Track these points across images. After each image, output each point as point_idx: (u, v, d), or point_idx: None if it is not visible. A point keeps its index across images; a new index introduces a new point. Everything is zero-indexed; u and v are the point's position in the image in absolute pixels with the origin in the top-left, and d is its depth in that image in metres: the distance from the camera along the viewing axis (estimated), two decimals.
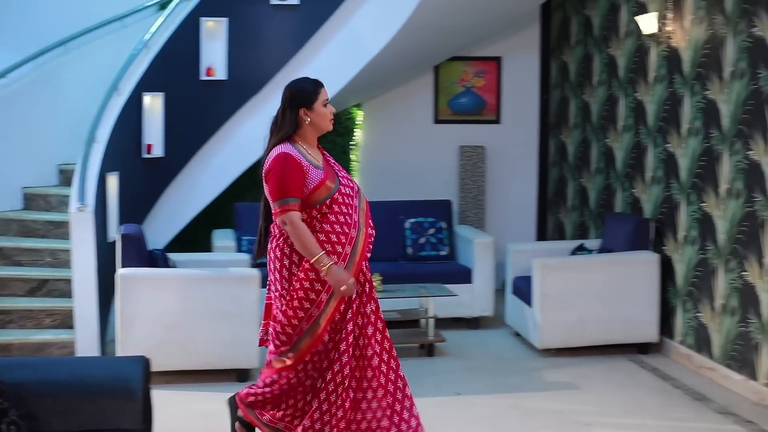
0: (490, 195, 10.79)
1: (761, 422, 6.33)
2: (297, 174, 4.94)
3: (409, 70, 10.27)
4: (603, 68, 9.38)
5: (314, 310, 4.99)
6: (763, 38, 6.72)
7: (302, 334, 4.99)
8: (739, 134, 7.02)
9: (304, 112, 5.09)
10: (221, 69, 9.15)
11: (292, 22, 9.31)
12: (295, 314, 4.99)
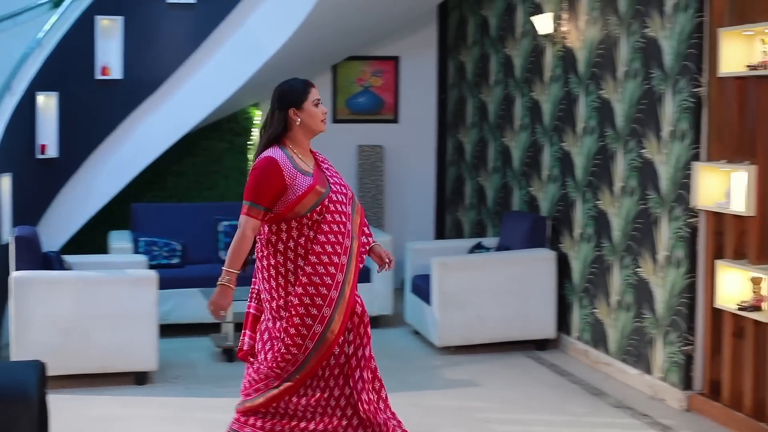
0: (389, 194, 10.82)
1: (656, 415, 6.45)
2: (275, 182, 4.62)
3: (307, 69, 10.22)
4: (499, 68, 9.47)
5: (317, 326, 4.63)
6: (655, 38, 6.85)
7: (308, 354, 4.64)
8: (632, 133, 7.14)
9: (294, 112, 4.78)
10: (117, 68, 9.02)
11: (189, 21, 9.23)
12: (298, 332, 4.62)
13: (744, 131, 6.15)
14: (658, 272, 6.84)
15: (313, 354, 4.63)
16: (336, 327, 4.65)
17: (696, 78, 6.46)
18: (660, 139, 6.81)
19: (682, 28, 6.56)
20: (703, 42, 6.43)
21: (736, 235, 6.24)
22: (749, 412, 6.10)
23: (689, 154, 6.51)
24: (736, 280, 6.20)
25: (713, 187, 6.35)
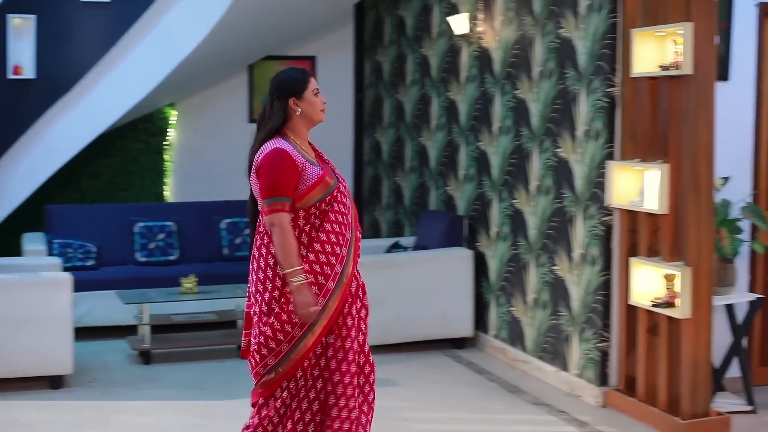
0: None
1: (573, 412, 6.53)
2: (291, 172, 4.52)
3: (224, 69, 10.18)
4: (416, 68, 9.51)
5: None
6: (569, 39, 6.93)
7: (294, 343, 4.52)
8: (547, 132, 7.22)
9: (294, 102, 4.67)
10: (29, 67, 8.90)
11: (103, 20, 9.13)
12: (289, 319, 4.51)
13: (657, 130, 6.25)
14: (574, 270, 6.92)
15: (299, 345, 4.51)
16: (325, 320, 4.54)
17: (610, 78, 6.55)
18: (575, 139, 6.89)
19: (595, 29, 6.65)
20: (616, 42, 6.52)
21: (649, 233, 6.34)
22: (663, 406, 6.21)
23: (603, 153, 6.60)
24: (650, 277, 6.31)
25: (627, 186, 6.44)
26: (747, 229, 6.80)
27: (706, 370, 6.09)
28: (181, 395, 6.92)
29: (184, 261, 9.12)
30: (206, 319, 8.26)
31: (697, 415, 6.04)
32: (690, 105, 5.93)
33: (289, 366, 4.52)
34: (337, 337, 4.62)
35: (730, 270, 6.50)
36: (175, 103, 10.30)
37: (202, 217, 9.38)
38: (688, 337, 6.01)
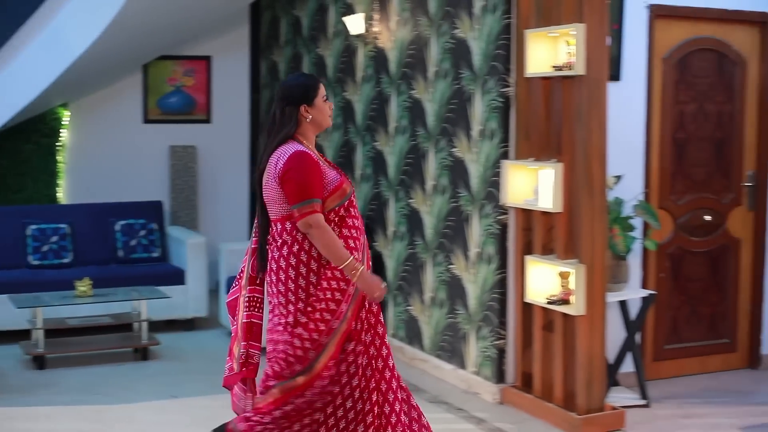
0: (202, 195, 10.71)
1: (471, 409, 6.58)
2: (317, 174, 4.56)
3: (117, 69, 10.04)
4: (312, 68, 9.49)
5: (334, 321, 4.60)
6: (464, 39, 6.99)
7: (321, 350, 4.58)
8: (443, 132, 7.27)
9: (305, 109, 4.70)
10: None
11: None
12: (316, 327, 4.56)
13: (550, 130, 6.33)
14: (470, 269, 6.98)
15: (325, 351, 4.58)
16: (344, 326, 4.62)
17: (504, 78, 6.62)
18: (470, 138, 6.95)
19: (490, 30, 6.71)
20: (510, 43, 6.59)
21: (544, 231, 6.43)
22: (559, 402, 6.30)
23: (498, 152, 6.67)
24: (545, 274, 6.39)
25: (522, 185, 6.53)
26: (639, 226, 6.93)
27: (601, 366, 6.19)
28: (76, 400, 6.81)
29: (79, 264, 8.97)
30: (101, 322, 8.13)
31: (592, 410, 6.14)
32: (583, 105, 6.02)
33: (313, 373, 4.58)
34: (358, 343, 4.67)
35: (623, 267, 6.62)
36: (68, 104, 10.13)
37: (96, 218, 9.24)
38: (583, 334, 6.10)
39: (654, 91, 7.15)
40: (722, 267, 7.55)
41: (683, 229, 7.38)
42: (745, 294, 7.63)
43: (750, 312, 7.64)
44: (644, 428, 6.23)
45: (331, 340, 4.58)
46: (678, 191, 7.33)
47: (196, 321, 8.95)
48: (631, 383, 6.88)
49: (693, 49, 7.28)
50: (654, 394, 6.84)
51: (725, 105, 7.42)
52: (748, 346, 7.68)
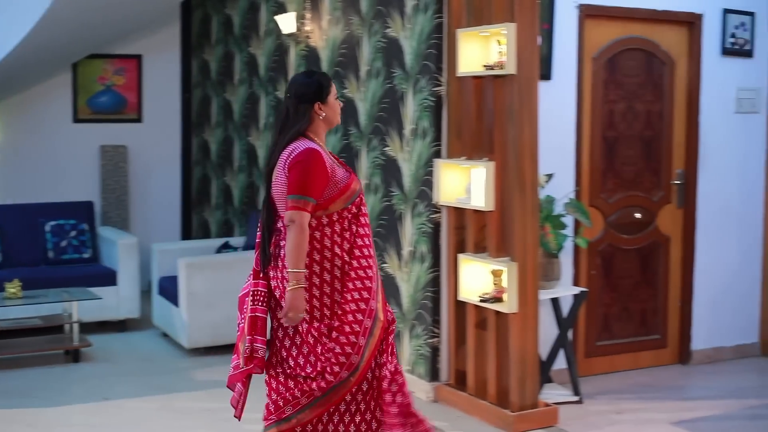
0: (134, 195, 10.62)
1: None
2: (322, 175, 4.53)
3: (46, 67, 9.92)
4: (244, 67, 9.45)
5: (367, 321, 4.62)
6: (396, 38, 6.99)
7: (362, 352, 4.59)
8: (375, 131, 7.27)
9: (319, 107, 4.69)
10: None
11: None
12: (352, 330, 4.57)
13: (482, 129, 6.36)
14: (403, 267, 6.99)
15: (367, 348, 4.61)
16: (379, 322, 4.67)
17: (436, 77, 6.63)
18: (402, 137, 6.96)
19: (421, 29, 6.73)
20: (442, 42, 6.61)
21: (476, 230, 6.46)
22: (493, 399, 6.33)
23: (430, 151, 6.68)
24: (478, 273, 6.42)
25: (454, 184, 6.55)
26: (570, 224, 6.99)
27: (534, 363, 6.23)
28: (8, 404, 6.71)
29: (8, 265, 8.84)
30: (32, 324, 8.01)
31: (525, 407, 6.18)
32: (514, 104, 6.05)
33: (358, 375, 4.61)
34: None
35: (555, 265, 6.66)
36: None
37: (26, 219, 9.12)
38: (516, 331, 6.14)
39: (584, 91, 7.21)
40: (652, 264, 7.64)
41: (614, 227, 7.46)
42: (675, 290, 7.73)
43: (680, 308, 7.74)
44: (577, 424, 6.28)
45: (369, 339, 4.62)
46: (608, 189, 7.40)
47: (128, 322, 8.87)
48: (564, 380, 6.94)
49: (622, 49, 7.35)
50: (586, 390, 6.90)
51: (654, 104, 7.51)
52: (678, 342, 7.78)
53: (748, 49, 7.77)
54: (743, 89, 7.78)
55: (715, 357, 7.86)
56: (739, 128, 7.81)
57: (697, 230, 7.69)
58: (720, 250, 7.80)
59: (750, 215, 7.93)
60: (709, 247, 7.74)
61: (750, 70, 7.81)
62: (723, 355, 7.89)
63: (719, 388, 7.16)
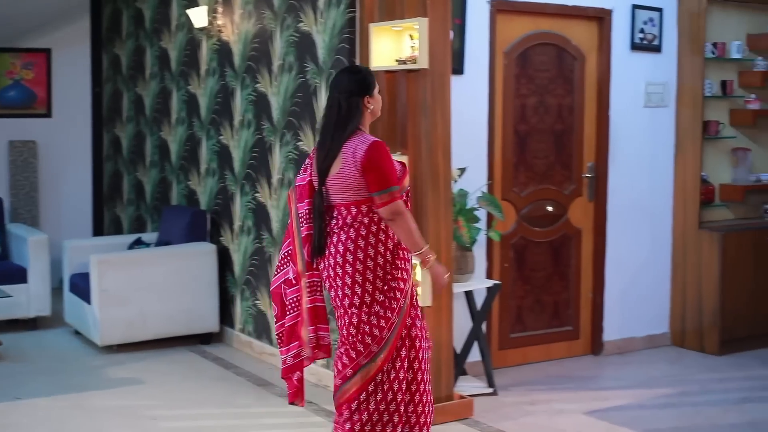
0: (43, 191, 10.46)
1: (321, 402, 6.59)
2: (393, 163, 4.80)
3: None
4: (155, 61, 9.36)
5: (402, 300, 4.85)
6: (309, 33, 6.98)
7: (393, 328, 4.80)
8: (289, 126, 7.25)
9: (367, 100, 4.90)
10: None
11: None
12: (389, 305, 4.80)
13: (395, 123, 6.37)
14: None
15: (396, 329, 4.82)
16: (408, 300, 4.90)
17: None
18: (316, 132, 6.95)
19: (334, 23, 6.72)
20: (355, 37, 6.61)
21: None
22: None
23: None
24: None
25: None
26: (483, 218, 7.04)
27: (449, 356, 6.26)
28: None
29: None
30: None
31: (440, 400, 6.21)
32: (427, 98, 6.08)
33: (387, 350, 4.79)
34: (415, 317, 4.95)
35: (468, 258, 6.71)
36: None
37: None
38: (430, 324, 6.15)
39: (496, 85, 7.26)
40: (564, 256, 7.73)
41: (526, 220, 7.53)
42: (586, 283, 7.83)
43: (592, 300, 7.85)
44: (492, 416, 6.33)
45: (400, 316, 4.83)
46: (521, 183, 7.47)
47: (40, 320, 8.74)
48: (479, 372, 6.99)
49: (534, 44, 7.42)
50: (501, 382, 6.96)
51: (565, 98, 7.60)
52: (590, 333, 7.89)
53: (657, 45, 7.89)
54: (652, 83, 7.91)
55: (627, 347, 7.98)
56: (648, 122, 7.94)
57: (607, 223, 7.80)
58: (630, 242, 7.92)
59: (659, 208, 8.06)
60: (619, 240, 7.86)
61: (658, 64, 7.94)
62: (634, 345, 8.02)
63: (630, 377, 7.27)
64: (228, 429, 6.15)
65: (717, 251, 7.81)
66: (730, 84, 8.21)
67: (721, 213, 8.33)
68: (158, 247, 8.33)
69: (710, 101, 8.14)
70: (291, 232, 5.05)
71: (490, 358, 6.91)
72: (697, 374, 7.38)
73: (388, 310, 4.78)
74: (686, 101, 7.97)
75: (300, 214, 4.97)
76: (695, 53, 7.89)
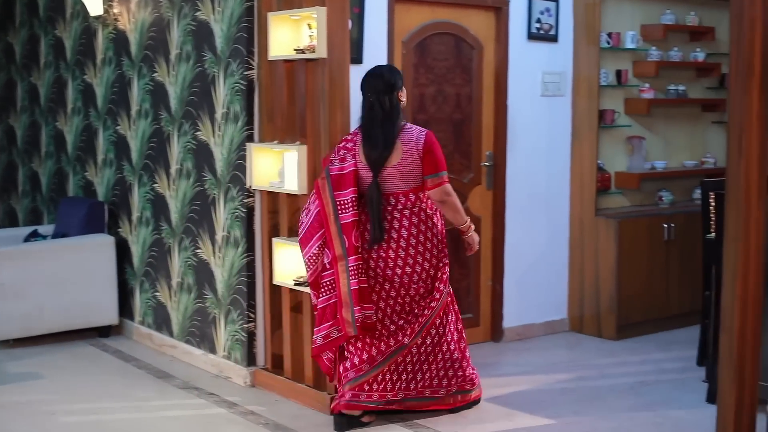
0: None
1: (222, 393, 6.56)
2: (442, 150, 5.77)
3: None
4: (50, 50, 9.20)
5: (447, 275, 5.93)
6: (207, 22, 6.92)
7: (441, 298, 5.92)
8: (187, 116, 7.19)
9: (399, 94, 5.74)
10: None
11: None
12: (445, 270, 5.88)
13: (294, 112, 6.36)
14: (218, 253, 6.95)
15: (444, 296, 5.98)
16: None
17: (248, 61, 6.60)
18: (214, 122, 6.90)
19: (232, 12, 6.67)
20: (253, 26, 6.58)
21: (290, 213, 6.46)
22: (310, 382, 6.35)
23: (243, 135, 6.65)
24: (292, 256, 6.42)
25: (267, 168, 6.53)
26: None
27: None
28: None
29: None
30: None
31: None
32: (325, 87, 6.06)
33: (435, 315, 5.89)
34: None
35: None
36: None
37: None
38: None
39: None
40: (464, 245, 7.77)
41: None
42: (486, 270, 7.90)
43: (491, 287, 7.92)
44: None
45: (447, 288, 5.95)
46: None
47: None
48: None
49: (432, 33, 7.45)
50: None
51: (464, 87, 7.64)
52: (491, 321, 7.97)
53: (553, 35, 7.98)
54: (549, 73, 8.00)
55: (526, 334, 8.08)
56: (545, 111, 8.03)
57: (506, 211, 7.87)
58: (529, 230, 8.01)
59: (557, 195, 8.16)
60: (518, 228, 7.94)
61: (555, 54, 8.03)
62: (533, 331, 8.12)
63: (530, 363, 7.36)
64: (128, 422, 6.09)
65: (613, 238, 7.94)
66: (625, 73, 8.34)
67: (617, 200, 8.48)
68: (55, 240, 8.20)
69: (606, 90, 8.27)
70: (322, 220, 5.62)
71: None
72: (594, 359, 7.50)
73: (441, 283, 5.82)
74: (582, 90, 8.08)
75: (340, 202, 5.58)
76: (591, 43, 8.00)
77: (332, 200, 5.57)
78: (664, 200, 8.60)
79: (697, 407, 6.26)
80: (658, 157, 8.70)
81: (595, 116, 8.03)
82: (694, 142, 9.07)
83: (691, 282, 8.18)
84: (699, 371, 6.98)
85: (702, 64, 8.83)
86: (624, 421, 6.05)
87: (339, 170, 5.60)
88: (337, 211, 5.55)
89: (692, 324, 7.95)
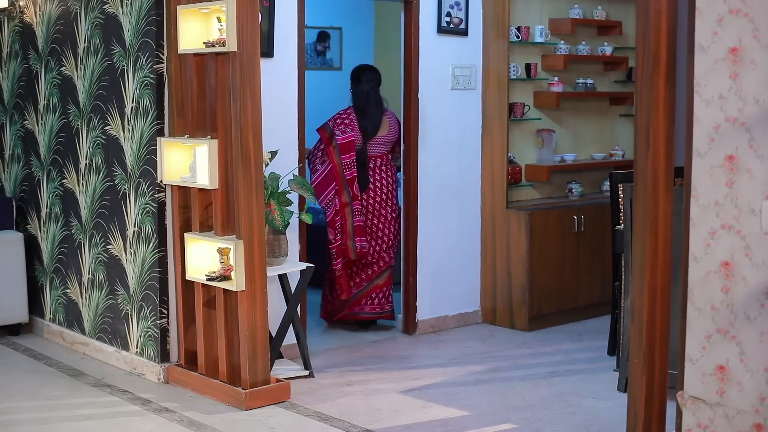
0: None
1: (136, 390, 6.50)
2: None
3: None
4: None
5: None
6: (115, 14, 6.84)
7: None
8: (96, 110, 7.11)
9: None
10: None
11: None
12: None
13: (205, 106, 6.32)
14: (129, 248, 6.88)
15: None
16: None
17: (157, 54, 6.54)
18: (124, 116, 6.83)
19: (140, 5, 6.61)
20: (162, 19, 6.52)
21: (202, 208, 6.42)
22: (224, 377, 6.33)
23: (153, 129, 6.59)
24: (205, 251, 6.39)
25: (178, 162, 6.49)
26: (296, 201, 7.05)
27: (264, 340, 6.25)
28: None
29: None
30: None
31: (257, 384, 6.20)
32: (236, 81, 6.03)
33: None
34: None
35: (281, 241, 6.70)
36: None
37: None
38: (245, 309, 6.15)
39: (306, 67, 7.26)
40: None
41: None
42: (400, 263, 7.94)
43: (405, 280, 7.96)
44: (309, 398, 6.36)
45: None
46: None
47: None
48: (295, 355, 7.01)
49: None
50: (317, 364, 7.00)
51: None
52: (405, 313, 8.00)
53: (463, 28, 8.04)
54: (459, 66, 8.06)
55: (440, 326, 8.13)
56: (455, 104, 8.08)
57: (418, 204, 7.91)
58: (441, 223, 8.07)
59: (468, 188, 8.23)
60: (431, 221, 7.99)
61: (465, 48, 8.09)
62: (447, 323, 8.18)
63: (444, 355, 7.41)
64: (40, 421, 6.00)
65: (524, 230, 8.02)
66: (534, 67, 8.43)
67: (527, 192, 8.57)
68: None
69: (515, 84, 8.35)
70: (334, 177, 7.65)
71: (306, 340, 6.93)
72: (507, 350, 7.58)
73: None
74: (492, 84, 8.15)
75: (345, 163, 7.63)
76: (500, 37, 8.07)
77: (340, 162, 7.59)
78: (574, 192, 8.71)
79: (609, 396, 6.36)
80: (567, 150, 8.81)
81: (505, 109, 8.11)
82: (603, 134, 9.20)
83: (602, 273, 8.31)
84: (610, 361, 7.10)
85: (610, 57, 8.95)
86: (537, 411, 6.12)
87: (344, 139, 7.66)
88: (343, 170, 7.61)
89: (603, 314, 8.08)
